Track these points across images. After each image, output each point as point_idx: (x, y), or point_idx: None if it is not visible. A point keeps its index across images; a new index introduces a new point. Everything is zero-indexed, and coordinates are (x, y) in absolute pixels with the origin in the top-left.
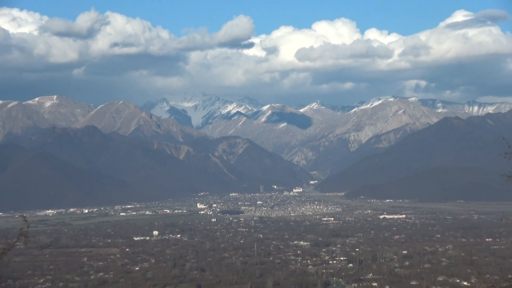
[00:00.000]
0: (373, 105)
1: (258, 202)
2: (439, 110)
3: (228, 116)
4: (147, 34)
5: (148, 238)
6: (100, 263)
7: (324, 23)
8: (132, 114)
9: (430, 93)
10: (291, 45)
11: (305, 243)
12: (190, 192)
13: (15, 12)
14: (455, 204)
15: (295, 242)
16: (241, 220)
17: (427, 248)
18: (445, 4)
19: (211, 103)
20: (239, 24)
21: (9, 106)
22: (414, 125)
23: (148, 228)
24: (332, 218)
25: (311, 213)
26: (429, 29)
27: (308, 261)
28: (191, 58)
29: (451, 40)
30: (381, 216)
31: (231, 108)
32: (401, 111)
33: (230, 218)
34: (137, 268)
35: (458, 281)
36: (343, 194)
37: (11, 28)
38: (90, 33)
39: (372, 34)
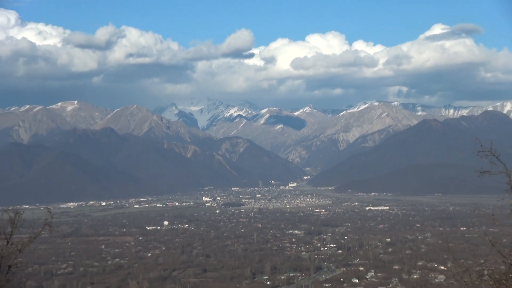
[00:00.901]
0: (359, 109)
1: (257, 196)
2: (419, 113)
3: (231, 119)
4: (158, 46)
5: (159, 227)
6: (116, 250)
7: (317, 36)
8: (144, 117)
9: (411, 98)
10: (287, 55)
11: (299, 232)
12: (197, 187)
13: (41, 26)
14: (433, 197)
15: (290, 231)
16: (242, 211)
17: (408, 236)
18: (425, 18)
19: (215, 107)
20: (241, 36)
21: (35, 110)
22: (396, 126)
23: (159, 218)
24: (323, 210)
25: (304, 205)
26: (410, 40)
27: (302, 248)
28: (197, 67)
29: (430, 50)
30: (367, 208)
31: (233, 111)
32: (384, 114)
33: (232, 210)
34: (149, 254)
35: (436, 265)
36: (333, 188)
37: (38, 41)
38: (107, 45)
39: (359, 45)
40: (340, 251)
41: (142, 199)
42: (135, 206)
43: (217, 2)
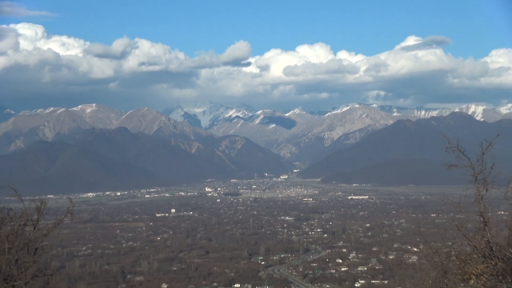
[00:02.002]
0: (342, 110)
1: (253, 186)
2: (394, 114)
3: (230, 119)
4: (167, 55)
5: (167, 214)
6: (130, 234)
7: (305, 46)
8: (154, 118)
9: (388, 100)
10: (279, 63)
11: (290, 218)
12: (200, 179)
13: (64, 38)
14: (407, 188)
15: (282, 217)
16: (239, 200)
17: (385, 222)
18: (400, 31)
19: (216, 109)
20: (239, 47)
21: (58, 112)
22: (374, 126)
23: (167, 207)
24: (311, 199)
25: (294, 195)
26: (387, 50)
27: (292, 232)
28: (201, 74)
29: (404, 59)
30: (349, 197)
31: (232, 113)
32: (364, 115)
33: (231, 199)
34: (159, 238)
35: (409, 247)
36: (319, 180)
37: (61, 51)
38: (122, 55)
39: (343, 55)
40: (325, 235)
41: (152, 190)
42: (146, 196)
43: (219, 17)
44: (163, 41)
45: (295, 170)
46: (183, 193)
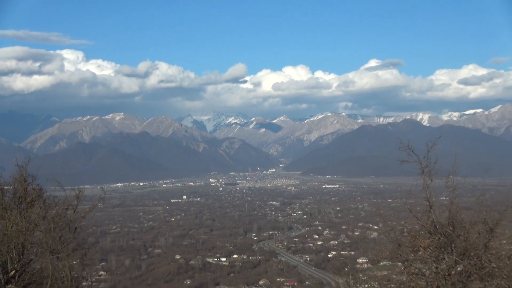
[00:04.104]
0: (318, 118)
1: (247, 178)
2: (359, 120)
3: (229, 125)
4: (180, 75)
5: (180, 200)
6: (150, 216)
7: (290, 68)
8: (169, 124)
9: (354, 110)
10: (269, 81)
11: (277, 203)
12: (206, 172)
13: (100, 61)
14: (369, 179)
15: (270, 202)
16: (237, 189)
17: (352, 205)
18: (364, 55)
19: (218, 117)
20: (238, 68)
21: (93, 119)
22: (343, 130)
23: (180, 194)
24: (293, 187)
25: (280, 185)
26: (354, 70)
27: (279, 214)
28: (207, 89)
29: (368, 77)
30: (323, 186)
31: (231, 120)
32: (335, 121)
33: (230, 188)
34: (173, 219)
35: (371, 225)
36: (300, 172)
37: (97, 72)
38: (146, 74)
39: (319, 74)
40: (305, 216)
41: (168, 181)
42: (163, 185)
43: (222, 44)
44: (177, 63)
45: (280, 165)
46: (192, 183)
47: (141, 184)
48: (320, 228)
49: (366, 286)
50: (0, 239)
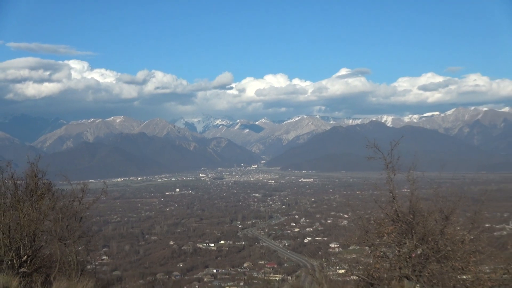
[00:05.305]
0: (295, 120)
1: (233, 173)
2: (331, 122)
3: (217, 126)
4: (174, 82)
5: (173, 193)
6: (147, 207)
7: (271, 75)
8: (164, 126)
9: (327, 113)
10: (252, 87)
11: (259, 195)
12: (196, 168)
13: (103, 70)
14: (340, 173)
15: (253, 194)
16: (224, 182)
17: (325, 197)
18: (336, 64)
19: (207, 119)
20: (225, 76)
21: (97, 121)
22: (317, 130)
23: (173, 187)
24: (273, 181)
25: (262, 179)
26: (327, 78)
27: (260, 204)
28: (198, 95)
29: (339, 84)
30: (300, 180)
31: (218, 121)
32: (310, 123)
33: (218, 182)
34: (167, 209)
35: (341, 214)
36: (279, 168)
37: (101, 79)
38: (143, 82)
39: (296, 81)
40: (283, 206)
41: (163, 176)
42: (158, 180)
43: (211, 56)
44: (172, 72)
45: (262, 162)
46: (184, 178)
47: (139, 178)
48: (297, 217)
49: (337, 267)
50: (14, 228)
